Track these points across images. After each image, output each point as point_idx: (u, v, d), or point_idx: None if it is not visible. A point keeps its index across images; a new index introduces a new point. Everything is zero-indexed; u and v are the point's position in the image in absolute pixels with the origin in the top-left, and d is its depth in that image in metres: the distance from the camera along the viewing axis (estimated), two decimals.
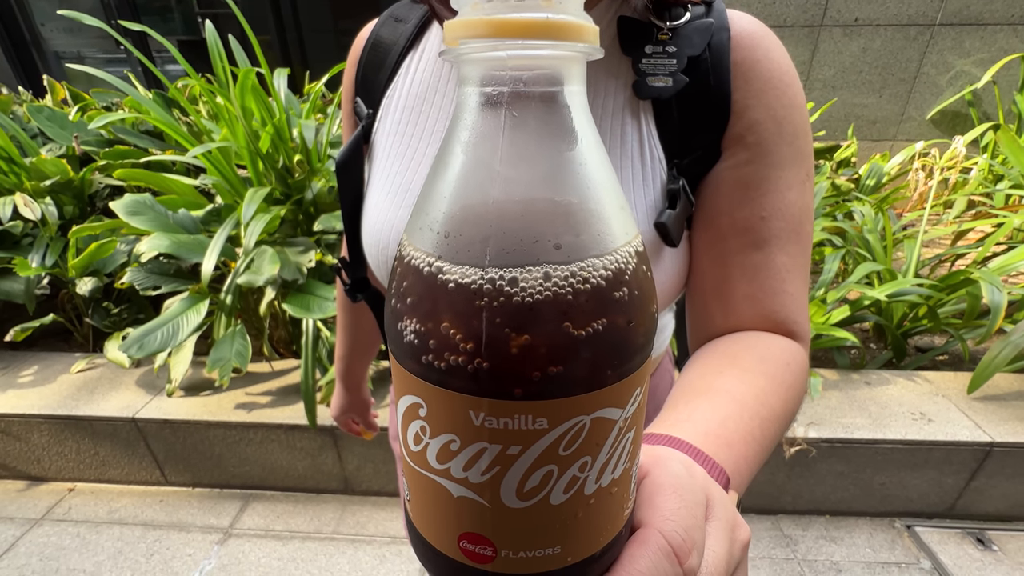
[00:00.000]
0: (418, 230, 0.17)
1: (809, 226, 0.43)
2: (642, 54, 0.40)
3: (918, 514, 1.46)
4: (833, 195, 2.07)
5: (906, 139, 3.08)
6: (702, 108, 0.40)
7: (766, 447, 0.35)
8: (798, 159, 0.41)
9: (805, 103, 0.42)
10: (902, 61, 2.90)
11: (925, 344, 1.77)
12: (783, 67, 0.41)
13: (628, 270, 0.17)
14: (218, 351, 1.36)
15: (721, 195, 0.41)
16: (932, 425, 1.36)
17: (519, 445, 0.16)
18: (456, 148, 0.17)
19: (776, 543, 1.41)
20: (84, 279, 1.61)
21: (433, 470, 0.18)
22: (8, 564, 1.39)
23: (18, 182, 1.70)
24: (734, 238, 0.41)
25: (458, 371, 0.16)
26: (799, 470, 1.40)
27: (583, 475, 0.17)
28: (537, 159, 0.16)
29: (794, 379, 0.39)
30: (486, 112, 0.16)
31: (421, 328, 0.16)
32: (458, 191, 0.16)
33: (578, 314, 0.16)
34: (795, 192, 0.41)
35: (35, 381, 1.62)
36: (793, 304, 0.42)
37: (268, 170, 1.54)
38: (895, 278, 1.62)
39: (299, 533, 1.46)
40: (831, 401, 1.45)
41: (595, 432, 0.17)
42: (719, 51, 0.39)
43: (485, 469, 0.17)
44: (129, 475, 1.59)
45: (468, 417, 0.16)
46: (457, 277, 0.16)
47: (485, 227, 0.16)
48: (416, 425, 0.18)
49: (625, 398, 0.18)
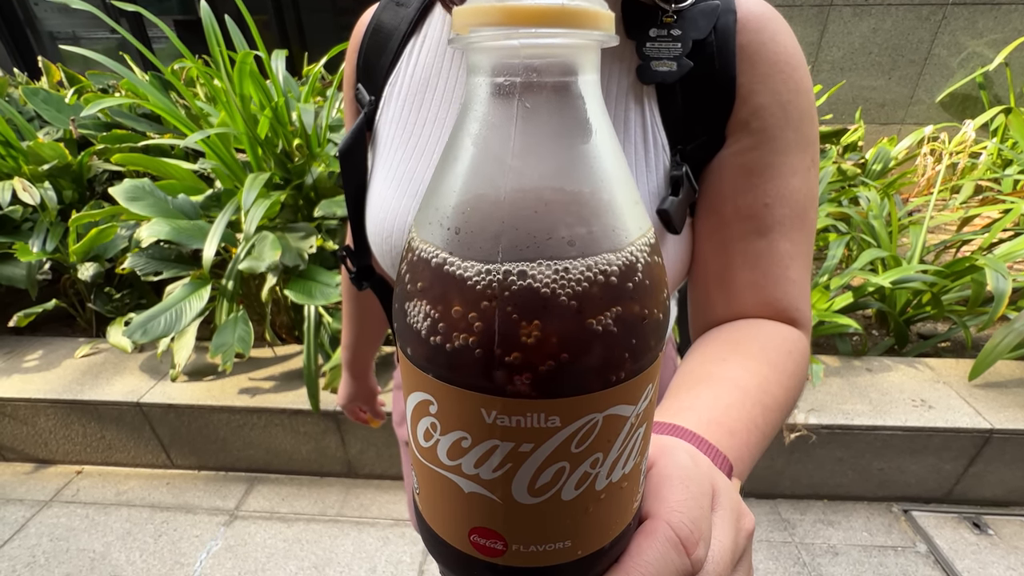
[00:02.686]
0: (428, 224, 0.17)
1: (813, 213, 0.42)
2: (646, 37, 0.39)
3: (916, 499, 1.48)
4: (839, 180, 2.05)
5: (915, 123, 3.04)
6: (707, 93, 0.39)
7: (768, 434, 0.35)
8: (803, 145, 0.40)
9: (812, 87, 0.42)
10: (913, 42, 2.84)
11: (928, 331, 1.77)
12: (790, 50, 0.40)
13: (641, 266, 0.17)
14: (220, 336, 1.36)
15: (725, 181, 0.41)
16: (932, 412, 1.37)
17: (531, 443, 0.16)
18: (466, 140, 0.16)
19: (774, 527, 1.43)
20: (85, 264, 1.61)
21: (444, 466, 0.18)
22: (20, 544, 1.41)
23: (16, 166, 1.69)
24: (737, 225, 0.41)
25: (470, 369, 0.16)
26: (798, 455, 1.42)
27: (594, 471, 0.18)
28: (551, 152, 0.16)
29: (796, 367, 0.39)
30: (497, 103, 0.16)
31: (432, 326, 0.16)
32: (469, 185, 0.16)
33: (592, 311, 0.15)
34: (800, 178, 0.40)
35: (40, 366, 1.63)
36: (796, 291, 0.42)
37: (267, 155, 1.52)
38: (900, 265, 1.61)
39: (304, 515, 1.48)
40: (832, 388, 1.46)
41: (607, 429, 0.17)
42: (725, 34, 0.38)
43: (497, 466, 0.17)
44: (136, 458, 1.61)
45: (480, 415, 0.16)
46: (470, 274, 0.15)
47: (497, 222, 0.15)
48: (427, 422, 0.18)
49: (637, 395, 0.18)
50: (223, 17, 1.54)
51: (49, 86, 2.21)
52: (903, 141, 2.63)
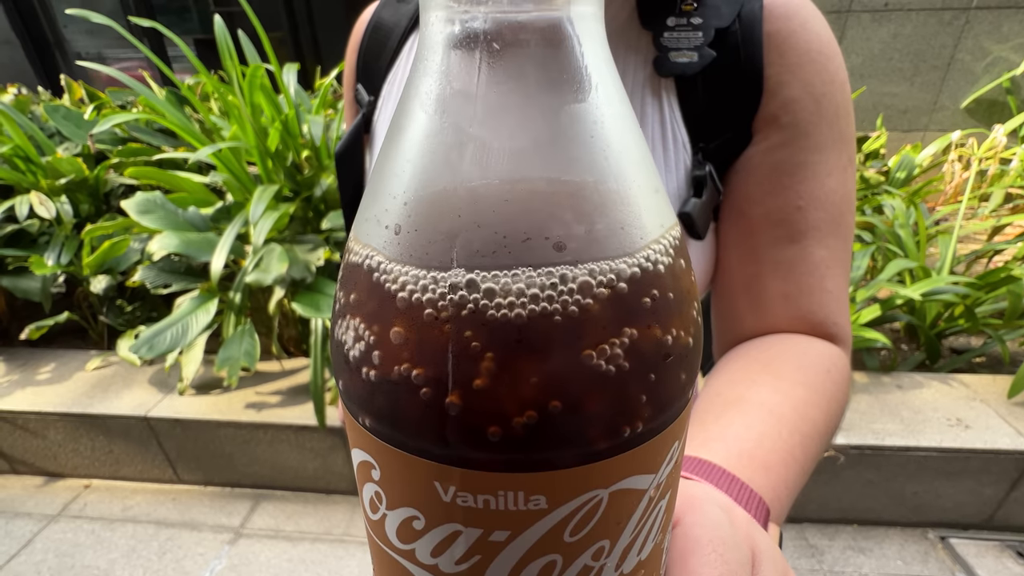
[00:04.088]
0: (364, 221, 0.13)
1: (851, 217, 0.38)
2: (664, 27, 0.35)
3: (953, 525, 1.39)
4: (862, 188, 1.98)
5: (939, 129, 2.95)
6: (731, 85, 0.36)
7: (807, 467, 0.30)
8: (839, 142, 0.36)
9: (847, 79, 0.37)
10: (935, 47, 2.77)
11: (961, 345, 1.68)
12: (823, 39, 0.36)
13: (664, 274, 0.12)
14: (227, 350, 1.35)
15: (752, 182, 0.37)
16: (970, 432, 1.29)
17: (506, 530, 0.12)
18: (413, 105, 0.12)
19: (801, 553, 1.35)
20: (98, 277, 1.62)
21: (395, 548, 0.14)
22: (26, 560, 1.40)
23: (35, 181, 1.72)
24: (767, 230, 0.37)
25: (415, 425, 0.11)
26: (826, 477, 1.34)
27: (598, 563, 0.13)
28: (530, 116, 0.11)
29: (836, 388, 0.35)
30: (455, 50, 0.11)
31: (366, 363, 0.12)
32: (415, 166, 0.11)
33: (592, 339, 0.11)
34: (836, 178, 0.36)
35: (52, 379, 1.64)
36: (833, 303, 0.37)
37: (277, 167, 1.52)
38: (929, 275, 1.53)
39: (309, 534, 1.44)
40: (860, 405, 1.38)
41: (615, 509, 0.12)
42: (750, 22, 0.35)
43: (461, 558, 0.12)
44: (143, 472, 1.60)
45: (434, 490, 0.12)
46: (410, 289, 0.11)
47: (451, 217, 0.11)
48: (370, 489, 0.13)
49: (658, 459, 0.13)
50: (236, 33, 1.55)
51: (70, 103, 2.27)
52: (928, 148, 2.54)
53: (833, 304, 0.37)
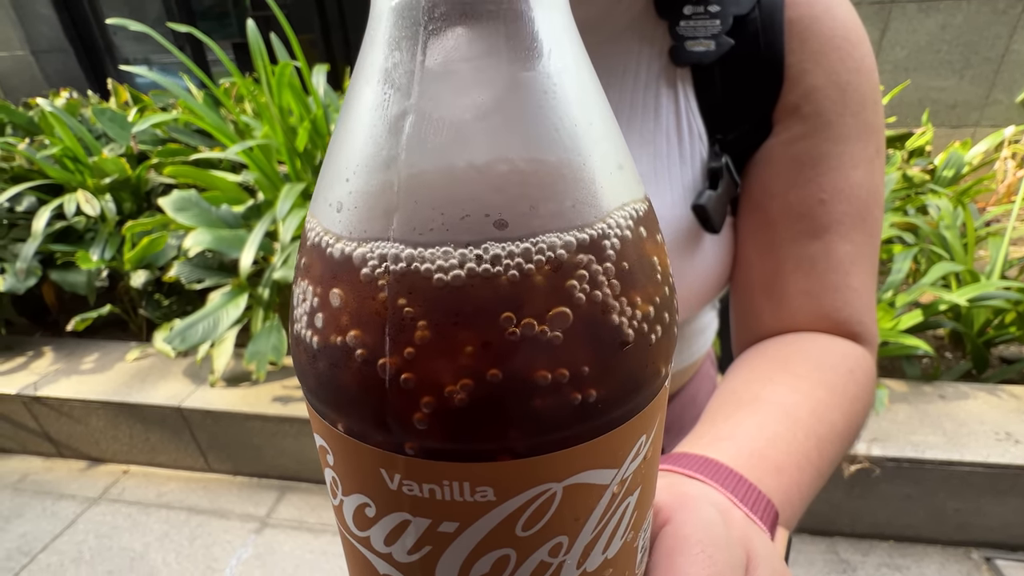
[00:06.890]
0: (316, 199, 0.13)
1: (878, 211, 0.36)
2: (680, 16, 0.34)
3: (1000, 546, 1.30)
4: (904, 187, 1.88)
5: (991, 125, 2.78)
6: (750, 74, 0.34)
7: (824, 472, 0.29)
8: (866, 132, 0.34)
9: (875, 67, 0.35)
10: (988, 38, 2.61)
11: (1012, 355, 1.58)
12: (848, 24, 0.34)
13: (619, 243, 0.11)
14: (255, 345, 1.39)
15: (772, 175, 0.35)
16: (1020, 447, 1.21)
17: (455, 522, 0.11)
18: (359, 80, 0.11)
19: (832, 568, 1.29)
20: (138, 272, 1.69)
21: (353, 535, 0.14)
22: (68, 540, 1.48)
23: (82, 180, 1.81)
24: (788, 224, 0.35)
25: (355, 409, 0.11)
26: (859, 490, 1.28)
27: (556, 560, 0.12)
28: (474, 86, 0.11)
29: (859, 390, 0.33)
30: (399, 17, 0.11)
31: (311, 342, 0.12)
32: (356, 140, 0.11)
33: (534, 309, 0.10)
34: (862, 171, 0.34)
35: (95, 368, 1.72)
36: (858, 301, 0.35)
37: (306, 166, 1.55)
38: (977, 280, 1.45)
39: (331, 527, 1.47)
40: (899, 416, 1.31)
41: (572, 504, 0.12)
42: (771, 8, 0.33)
43: (412, 548, 0.12)
44: (176, 460, 1.66)
45: (380, 478, 0.11)
46: (348, 265, 0.11)
47: (388, 194, 0.10)
48: (328, 474, 0.14)
49: (620, 453, 0.12)
50: (268, 36, 1.60)
51: (116, 106, 2.38)
52: (978, 145, 2.40)
53: (858, 302, 0.36)
